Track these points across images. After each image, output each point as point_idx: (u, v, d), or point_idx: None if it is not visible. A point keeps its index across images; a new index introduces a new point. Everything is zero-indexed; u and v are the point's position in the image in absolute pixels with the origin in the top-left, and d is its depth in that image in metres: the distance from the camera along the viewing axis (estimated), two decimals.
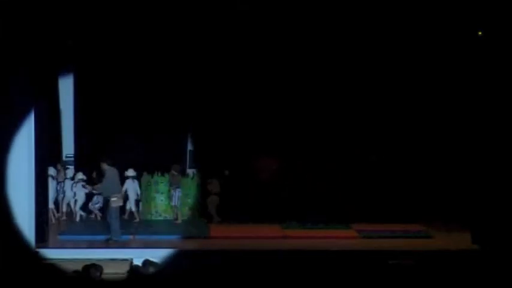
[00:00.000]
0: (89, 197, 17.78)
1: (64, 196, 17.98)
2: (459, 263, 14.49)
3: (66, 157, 18.64)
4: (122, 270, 13.73)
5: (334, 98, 17.88)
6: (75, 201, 17.92)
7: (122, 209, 16.88)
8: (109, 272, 13.19)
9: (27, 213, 14.65)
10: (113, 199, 15.69)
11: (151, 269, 12.31)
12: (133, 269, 12.84)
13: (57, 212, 17.86)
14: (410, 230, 16.63)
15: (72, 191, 17.93)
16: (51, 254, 14.48)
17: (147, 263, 12.56)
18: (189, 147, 18.99)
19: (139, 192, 17.75)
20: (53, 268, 13.98)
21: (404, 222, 16.87)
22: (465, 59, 16.06)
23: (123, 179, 17.13)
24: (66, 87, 18.32)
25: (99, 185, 16.21)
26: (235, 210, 17.46)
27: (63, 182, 17.95)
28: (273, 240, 15.99)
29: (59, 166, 17.84)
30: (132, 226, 17.06)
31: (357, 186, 17.69)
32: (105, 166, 15.89)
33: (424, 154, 17.49)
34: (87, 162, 18.02)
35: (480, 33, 15.56)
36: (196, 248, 15.08)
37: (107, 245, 15.40)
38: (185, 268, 13.89)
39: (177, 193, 17.61)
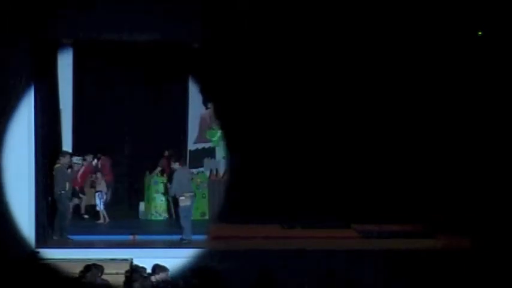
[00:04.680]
0: None
1: None
2: (459, 263, 14.51)
3: None
4: (122, 270, 13.74)
5: (334, 98, 17.87)
6: None
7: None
8: (109, 272, 13.22)
9: (27, 213, 14.64)
10: (181, 198, 15.87)
11: (161, 275, 12.29)
12: (134, 269, 12.84)
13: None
14: (410, 230, 16.61)
15: None
16: (51, 254, 14.47)
17: (156, 267, 12.53)
18: (189, 147, 19.04)
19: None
20: (53, 268, 13.99)
21: (404, 222, 16.86)
22: (465, 59, 16.07)
23: None
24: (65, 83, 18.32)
25: (170, 185, 16.39)
26: (235, 210, 17.44)
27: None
28: (273, 240, 15.98)
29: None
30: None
31: (357, 186, 17.67)
32: (176, 166, 16.13)
33: (424, 154, 17.46)
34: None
35: (480, 33, 15.57)
36: (197, 247, 15.05)
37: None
38: (185, 268, 13.90)
39: None
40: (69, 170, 16.45)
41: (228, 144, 18.50)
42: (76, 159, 16.98)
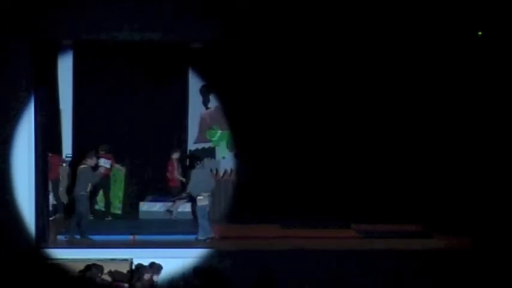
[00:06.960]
0: None
1: None
2: (459, 263, 14.52)
3: (66, 157, 18.59)
4: (122, 270, 13.76)
5: (333, 98, 17.89)
6: None
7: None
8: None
9: (27, 213, 14.64)
10: (199, 198, 15.86)
11: (156, 272, 12.34)
12: (134, 269, 12.88)
13: None
14: (411, 230, 16.62)
15: None
16: (51, 253, 14.47)
17: (152, 265, 12.57)
18: (189, 147, 19.04)
19: None
20: (53, 268, 14.00)
21: (404, 222, 16.86)
22: (465, 59, 16.07)
23: None
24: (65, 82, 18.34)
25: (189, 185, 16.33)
26: (236, 210, 17.45)
27: None
28: (273, 240, 15.98)
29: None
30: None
31: (357, 186, 17.68)
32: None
33: (424, 154, 17.47)
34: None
35: (480, 33, 15.57)
36: (197, 248, 15.06)
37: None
38: (185, 268, 13.91)
39: None
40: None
41: (228, 144, 18.51)
42: (103, 161, 16.76)
